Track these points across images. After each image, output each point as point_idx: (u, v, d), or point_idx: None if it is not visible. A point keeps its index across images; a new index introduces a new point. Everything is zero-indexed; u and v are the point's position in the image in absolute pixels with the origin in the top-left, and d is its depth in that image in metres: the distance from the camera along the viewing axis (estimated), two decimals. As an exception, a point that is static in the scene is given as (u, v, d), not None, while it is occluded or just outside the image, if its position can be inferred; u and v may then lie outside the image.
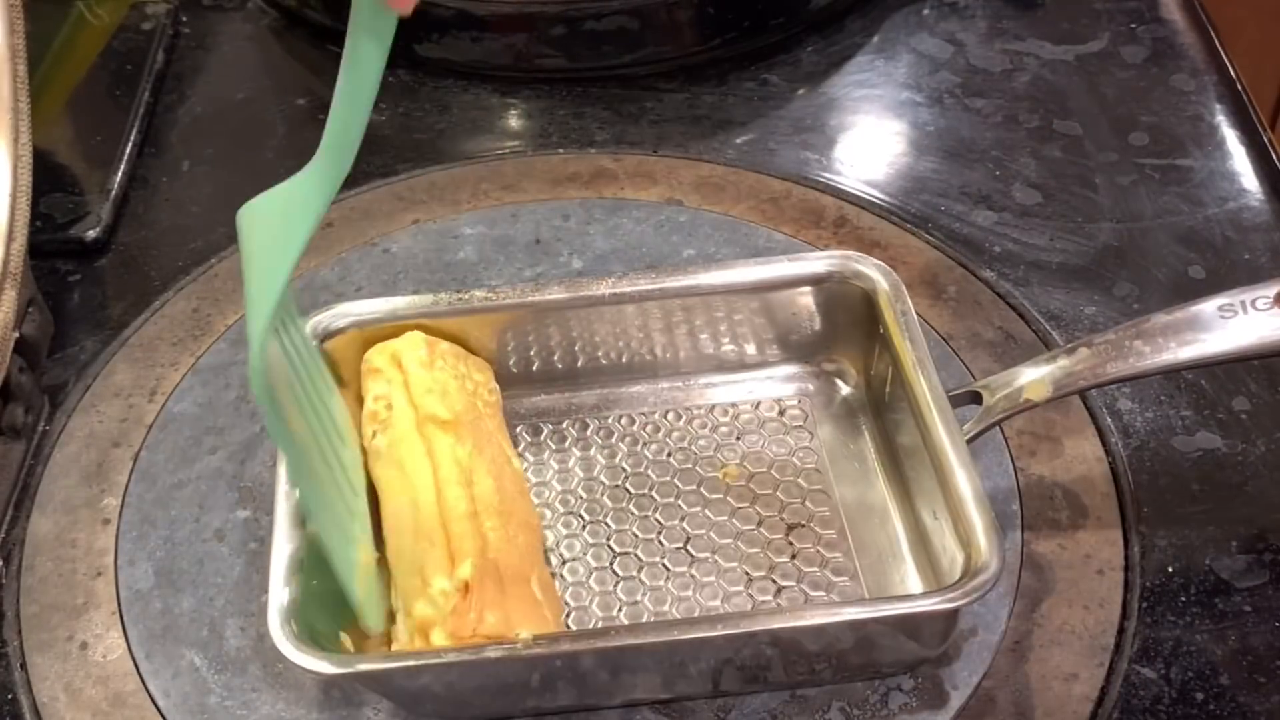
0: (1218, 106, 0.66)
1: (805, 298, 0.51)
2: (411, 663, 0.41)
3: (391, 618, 0.44)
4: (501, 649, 0.40)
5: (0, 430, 0.50)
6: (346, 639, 0.42)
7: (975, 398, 0.46)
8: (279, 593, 0.41)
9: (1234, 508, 0.49)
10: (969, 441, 0.44)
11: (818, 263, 0.50)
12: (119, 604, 0.47)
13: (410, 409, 0.47)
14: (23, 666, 0.46)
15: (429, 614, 0.42)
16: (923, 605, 0.41)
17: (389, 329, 0.49)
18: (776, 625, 0.41)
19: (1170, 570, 0.48)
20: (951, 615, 0.42)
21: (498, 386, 0.50)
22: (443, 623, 0.42)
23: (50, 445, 0.53)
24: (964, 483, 0.43)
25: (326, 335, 0.48)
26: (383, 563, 0.45)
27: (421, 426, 0.46)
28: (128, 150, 0.64)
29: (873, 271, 0.49)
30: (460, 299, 0.49)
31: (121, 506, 0.50)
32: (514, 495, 0.46)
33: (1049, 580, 0.47)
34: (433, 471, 0.45)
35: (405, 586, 0.44)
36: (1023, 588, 0.47)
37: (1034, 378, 0.45)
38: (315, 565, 0.42)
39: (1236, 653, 0.45)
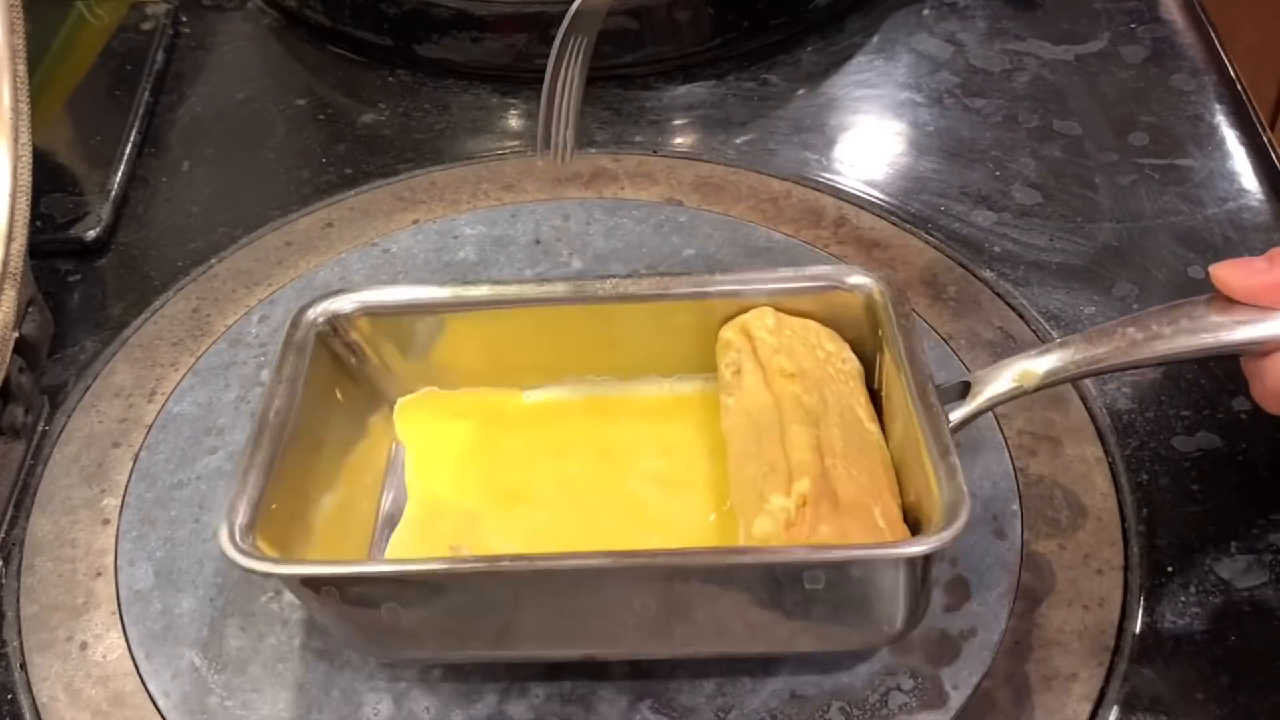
0: (1217, 106, 0.66)
1: (806, 308, 0.50)
2: (352, 569, 0.42)
3: None
4: (439, 562, 0.41)
5: (0, 430, 0.50)
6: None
7: (966, 390, 0.45)
8: (238, 504, 0.41)
9: (1234, 508, 0.49)
10: (958, 428, 0.44)
11: (808, 281, 0.50)
12: (119, 604, 0.47)
13: (759, 370, 0.47)
14: (22, 667, 0.46)
15: (767, 528, 0.42)
16: (870, 552, 0.40)
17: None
18: (719, 560, 0.41)
19: (1170, 570, 0.48)
20: (910, 579, 0.40)
21: (854, 358, 0.50)
22: (777, 536, 0.42)
23: (50, 445, 0.52)
24: (938, 458, 0.41)
25: (334, 317, 0.48)
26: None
27: (770, 382, 0.47)
28: (127, 150, 0.64)
29: (872, 280, 0.49)
30: (467, 287, 0.50)
31: (121, 507, 0.50)
32: (862, 449, 0.45)
33: (1049, 580, 0.47)
34: (778, 415, 0.46)
35: (743, 507, 0.44)
36: (1023, 588, 0.47)
37: (1024, 366, 0.45)
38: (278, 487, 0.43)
39: (1236, 653, 0.45)
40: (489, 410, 0.51)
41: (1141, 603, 0.46)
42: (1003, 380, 0.45)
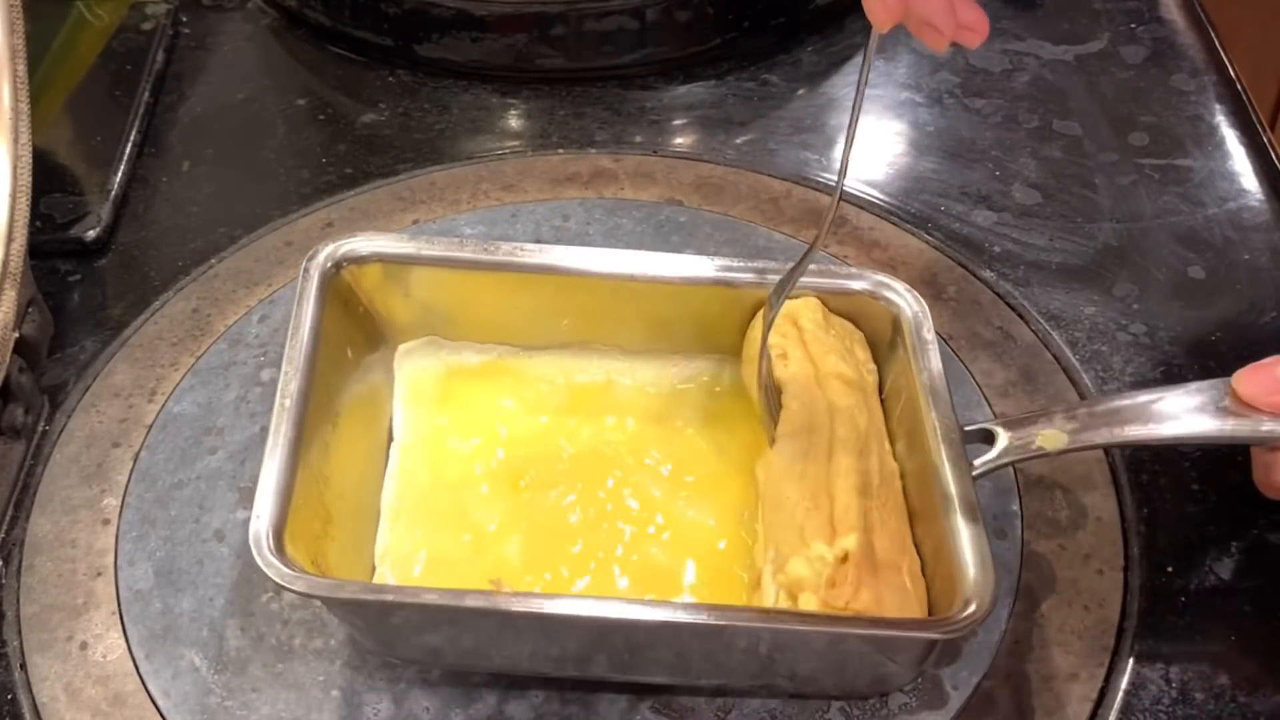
0: (1217, 106, 0.66)
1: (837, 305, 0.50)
2: (390, 598, 0.41)
3: None
4: (482, 598, 0.40)
5: (0, 430, 0.50)
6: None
7: (987, 437, 0.45)
8: (266, 506, 0.41)
9: (1234, 508, 0.49)
10: (977, 478, 0.44)
11: (849, 281, 0.50)
12: (119, 604, 0.47)
13: (809, 363, 0.47)
14: (22, 667, 0.46)
15: (804, 574, 0.42)
16: (903, 631, 0.41)
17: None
18: (739, 623, 0.41)
19: (1170, 570, 0.48)
20: (927, 647, 0.42)
21: (876, 366, 0.50)
22: (815, 589, 0.42)
23: (50, 445, 0.52)
24: (964, 522, 0.42)
25: (349, 259, 0.49)
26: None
27: (824, 382, 0.47)
28: (127, 150, 0.64)
29: (902, 296, 0.49)
30: (486, 249, 0.50)
31: (121, 507, 0.50)
32: (888, 478, 0.46)
33: (1049, 580, 0.47)
34: (830, 428, 0.45)
35: (780, 540, 0.44)
36: (1023, 588, 0.47)
37: (1050, 429, 0.45)
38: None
39: (1236, 653, 0.45)
40: (491, 371, 0.52)
41: (1141, 603, 0.47)
42: (1028, 437, 0.45)
